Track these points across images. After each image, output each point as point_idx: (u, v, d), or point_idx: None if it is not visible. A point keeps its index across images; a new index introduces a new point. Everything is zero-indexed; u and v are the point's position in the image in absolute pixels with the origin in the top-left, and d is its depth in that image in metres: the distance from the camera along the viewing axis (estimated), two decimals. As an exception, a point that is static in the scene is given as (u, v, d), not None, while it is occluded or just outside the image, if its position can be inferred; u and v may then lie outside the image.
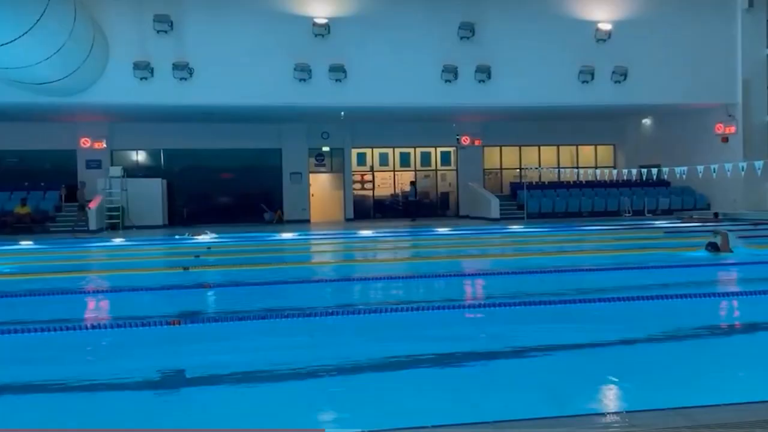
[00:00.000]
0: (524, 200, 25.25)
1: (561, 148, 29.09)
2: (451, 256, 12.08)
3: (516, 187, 27.36)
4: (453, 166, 28.97)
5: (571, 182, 27.45)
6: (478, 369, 4.24)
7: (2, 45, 14.69)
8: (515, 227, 20.07)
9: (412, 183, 27.29)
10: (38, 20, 14.43)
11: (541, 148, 28.95)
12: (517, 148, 28.99)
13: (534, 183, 27.29)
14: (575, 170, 27.29)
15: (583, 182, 27.08)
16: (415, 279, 8.60)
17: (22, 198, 22.66)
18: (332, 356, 4.48)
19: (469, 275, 9.26)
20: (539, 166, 28.38)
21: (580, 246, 13.96)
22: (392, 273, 8.92)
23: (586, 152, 29.53)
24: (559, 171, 27.74)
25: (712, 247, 10.17)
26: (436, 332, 5.30)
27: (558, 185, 27.42)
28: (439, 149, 28.87)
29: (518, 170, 28.70)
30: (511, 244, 15.21)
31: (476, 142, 27.97)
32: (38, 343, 5.09)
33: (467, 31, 21.45)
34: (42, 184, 24.45)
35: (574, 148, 29.29)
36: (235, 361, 4.37)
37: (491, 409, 3.38)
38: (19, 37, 14.56)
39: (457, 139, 27.47)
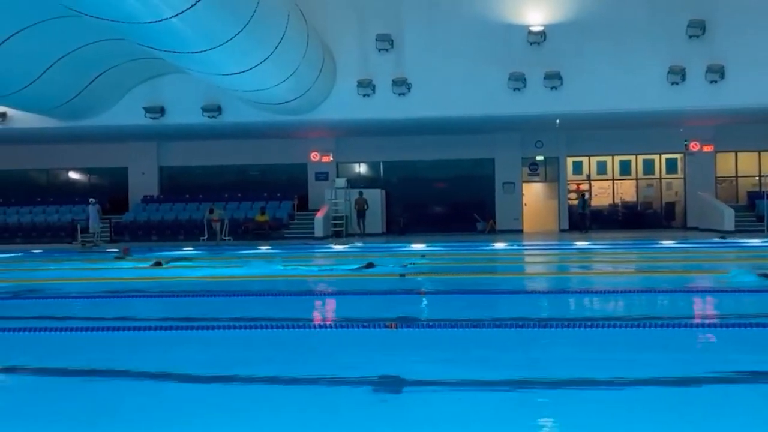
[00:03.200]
0: (764, 211, 22.72)
1: (811, 152, 25.75)
2: (677, 271, 11.27)
3: (754, 196, 24.74)
4: (680, 174, 26.99)
5: (824, 191, 24.18)
6: (707, 394, 3.96)
7: (248, 70, 16.53)
8: (753, 241, 18.14)
9: (582, 195, 25.91)
10: (277, 46, 16.02)
11: (786, 153, 25.88)
12: (756, 153, 26.21)
13: (777, 192, 24.45)
14: (829, 177, 24.01)
15: (840, 191, 23.70)
16: (634, 294, 8.18)
17: (261, 207, 25.24)
18: (546, 369, 4.46)
19: (697, 291, 8.58)
20: (783, 173, 25.40)
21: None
22: (609, 287, 8.57)
23: None
24: (808, 178, 24.59)
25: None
26: (655, 351, 5.03)
27: (807, 194, 24.30)
28: (663, 156, 27.06)
29: (757, 177, 25.91)
30: (747, 259, 13.78)
31: (707, 148, 25.76)
32: (270, 338, 5.67)
33: (697, 29, 19.91)
34: (278, 194, 27.02)
35: (828, 152, 25.75)
36: (448, 367, 4.52)
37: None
38: (262, 62, 16.27)
39: (685, 144, 25.52)
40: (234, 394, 4.03)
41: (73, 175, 29.85)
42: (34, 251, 20.37)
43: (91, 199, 23.89)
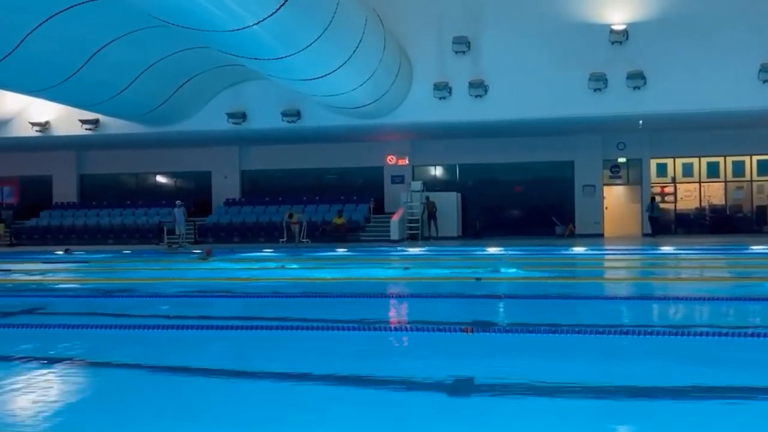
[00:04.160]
0: None
1: None
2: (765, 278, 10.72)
3: None
4: (773, 177, 25.65)
5: None
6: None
7: (326, 75, 16.82)
8: None
9: (652, 199, 24.89)
10: (355, 51, 16.24)
11: None
12: None
13: None
14: None
15: None
16: (719, 301, 7.84)
17: (338, 210, 25.60)
18: (624, 377, 4.34)
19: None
20: None
21: None
22: (692, 293, 8.25)
23: None
24: None
25: None
26: (742, 360, 4.81)
27: None
28: (755, 157, 25.80)
29: None
30: None
31: (803, 149, 24.42)
32: (344, 339, 5.75)
33: (793, 23, 18.90)
34: (354, 197, 27.33)
35: None
36: (524, 373, 4.47)
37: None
38: (340, 67, 16.53)
39: (779, 145, 24.25)
40: (306, 394, 4.12)
41: (160, 178, 31.14)
42: (124, 252, 21.38)
43: (177, 202, 24.86)
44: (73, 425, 3.53)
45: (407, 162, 27.67)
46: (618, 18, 20.48)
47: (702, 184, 26.52)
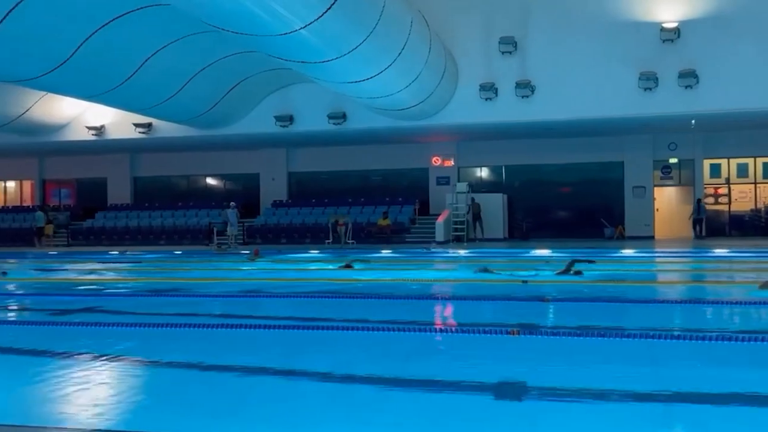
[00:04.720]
0: None
1: None
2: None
3: None
4: (833, 177, 24.73)
5: None
6: None
7: (372, 77, 16.91)
8: None
9: (699, 201, 24.12)
10: (400, 53, 16.28)
11: None
12: None
13: None
14: None
15: None
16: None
17: (383, 211, 25.67)
18: (676, 383, 4.27)
19: None
20: None
21: None
22: (744, 298, 8.03)
23: None
24: None
25: None
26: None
27: None
28: (814, 158, 24.92)
29: None
30: None
31: None
32: (390, 340, 5.80)
33: None
34: (400, 199, 27.37)
35: None
36: (571, 376, 4.44)
37: None
38: (385, 69, 16.60)
39: (840, 144, 23.38)
40: (353, 394, 4.17)
41: (210, 180, 31.75)
42: (175, 252, 21.87)
43: (231, 204, 25.30)
44: (126, 420, 3.66)
45: (453, 163, 27.59)
46: (669, 16, 20.05)
47: (757, 185, 25.72)
